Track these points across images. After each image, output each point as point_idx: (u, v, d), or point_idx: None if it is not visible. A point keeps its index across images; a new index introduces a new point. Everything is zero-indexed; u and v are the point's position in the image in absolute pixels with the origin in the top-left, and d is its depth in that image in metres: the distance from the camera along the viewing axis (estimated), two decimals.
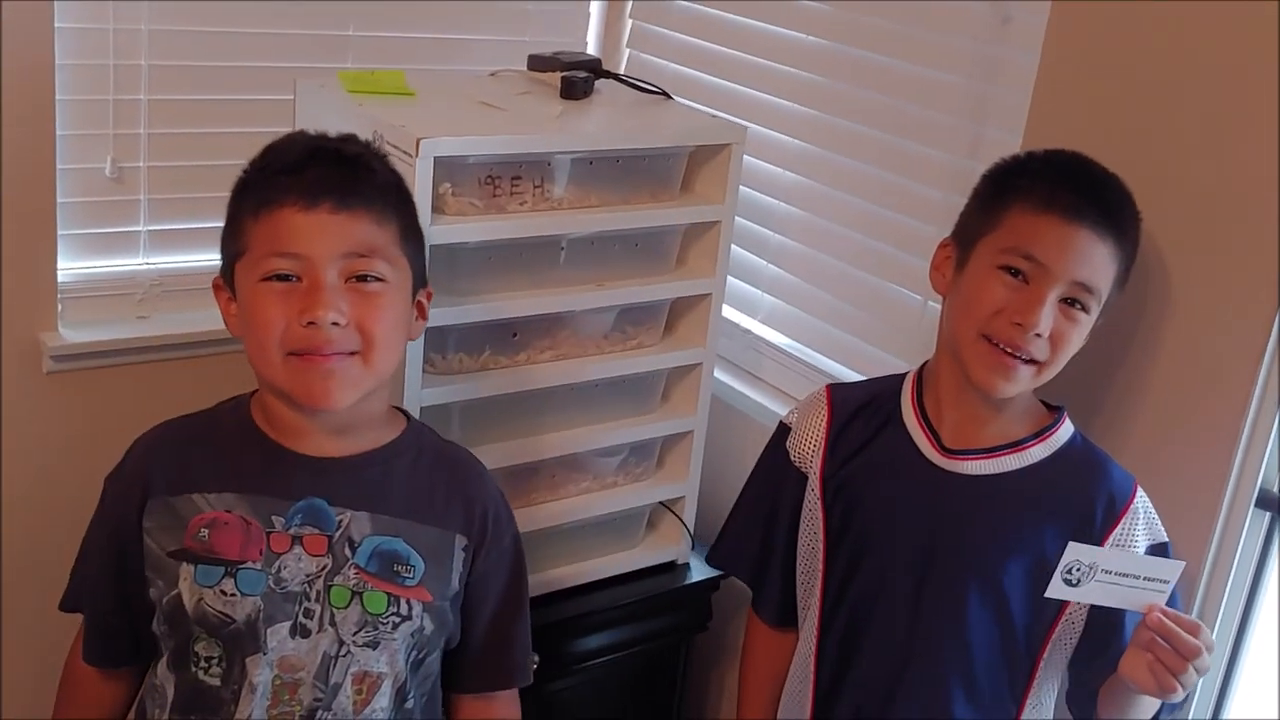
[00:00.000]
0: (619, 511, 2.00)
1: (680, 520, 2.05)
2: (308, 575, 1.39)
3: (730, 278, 1.99)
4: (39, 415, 2.04)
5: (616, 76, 1.99)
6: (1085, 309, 1.42)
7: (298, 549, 1.40)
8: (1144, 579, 1.35)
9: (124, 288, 2.11)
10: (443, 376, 1.74)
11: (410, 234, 1.43)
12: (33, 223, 1.96)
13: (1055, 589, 1.35)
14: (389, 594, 1.42)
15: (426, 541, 1.45)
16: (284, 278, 1.35)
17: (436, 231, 1.62)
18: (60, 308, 2.03)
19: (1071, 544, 1.33)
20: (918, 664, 1.51)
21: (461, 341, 1.74)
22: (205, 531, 1.39)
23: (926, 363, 1.58)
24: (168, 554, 1.40)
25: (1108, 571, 1.34)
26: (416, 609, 1.43)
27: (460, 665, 1.52)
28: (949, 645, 1.49)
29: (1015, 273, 1.42)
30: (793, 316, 2.21)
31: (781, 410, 2.13)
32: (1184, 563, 1.37)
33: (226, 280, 1.42)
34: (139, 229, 2.11)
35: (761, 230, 2.23)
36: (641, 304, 1.90)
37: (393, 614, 1.41)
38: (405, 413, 1.54)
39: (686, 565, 2.08)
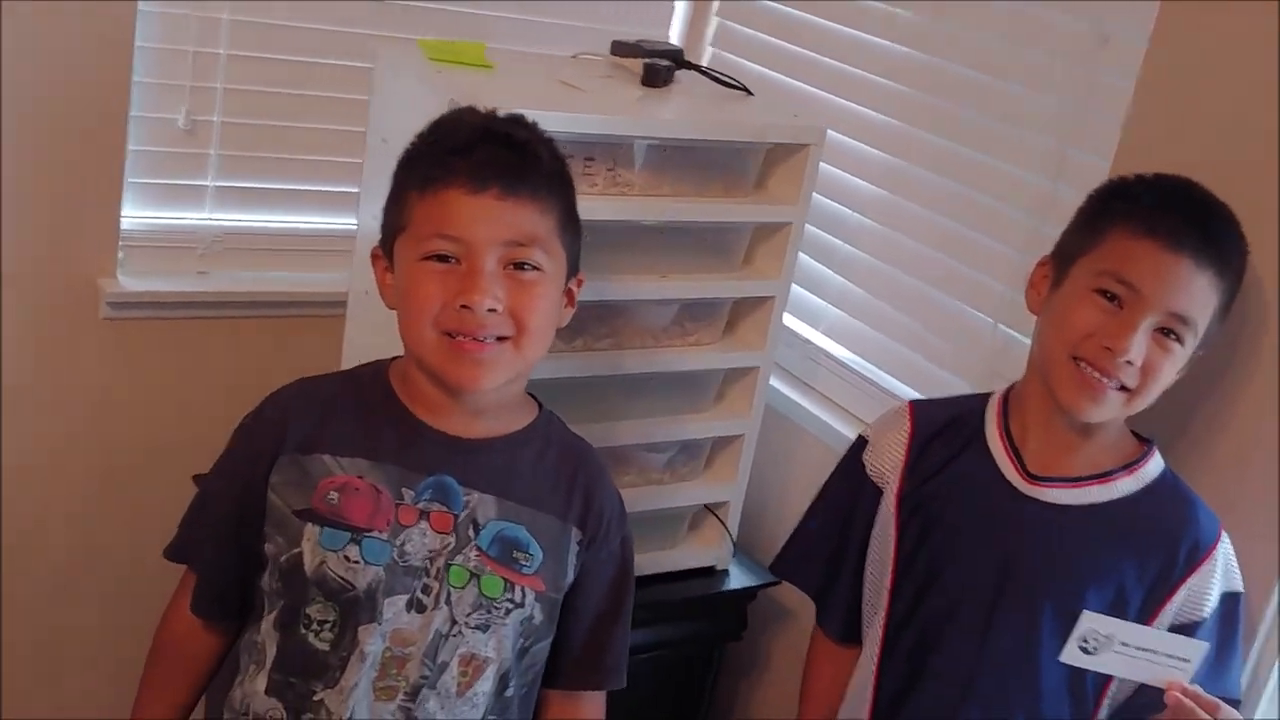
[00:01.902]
0: (662, 509, 1.96)
1: (723, 525, 2.01)
2: (430, 551, 1.38)
3: (794, 285, 1.96)
4: (91, 359, 2.04)
5: (698, 68, 1.96)
6: (1180, 340, 1.38)
7: (424, 524, 1.39)
8: (1165, 655, 1.32)
9: (186, 241, 2.11)
10: None
11: (569, 223, 1.42)
12: (101, 167, 1.96)
13: (1069, 654, 1.32)
14: (506, 579, 1.41)
15: (547, 531, 1.44)
16: (444, 258, 1.34)
17: None
18: (121, 255, 2.03)
19: (1086, 613, 1.31)
20: (983, 691, 1.47)
21: None
22: (335, 495, 1.38)
23: (1014, 385, 1.54)
24: (294, 512, 1.39)
25: (1126, 644, 1.31)
26: (530, 597, 1.42)
27: (554, 660, 1.51)
28: (1017, 674, 1.45)
29: (1110, 296, 1.38)
30: (855, 329, 2.17)
31: (836, 423, 2.11)
32: (1206, 645, 1.34)
33: (385, 251, 1.42)
34: (206, 183, 2.10)
35: (830, 239, 2.19)
36: (704, 300, 1.87)
37: (507, 600, 1.41)
38: (537, 400, 1.52)
39: (725, 572, 2.04)
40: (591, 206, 1.67)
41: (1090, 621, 1.30)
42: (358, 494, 1.38)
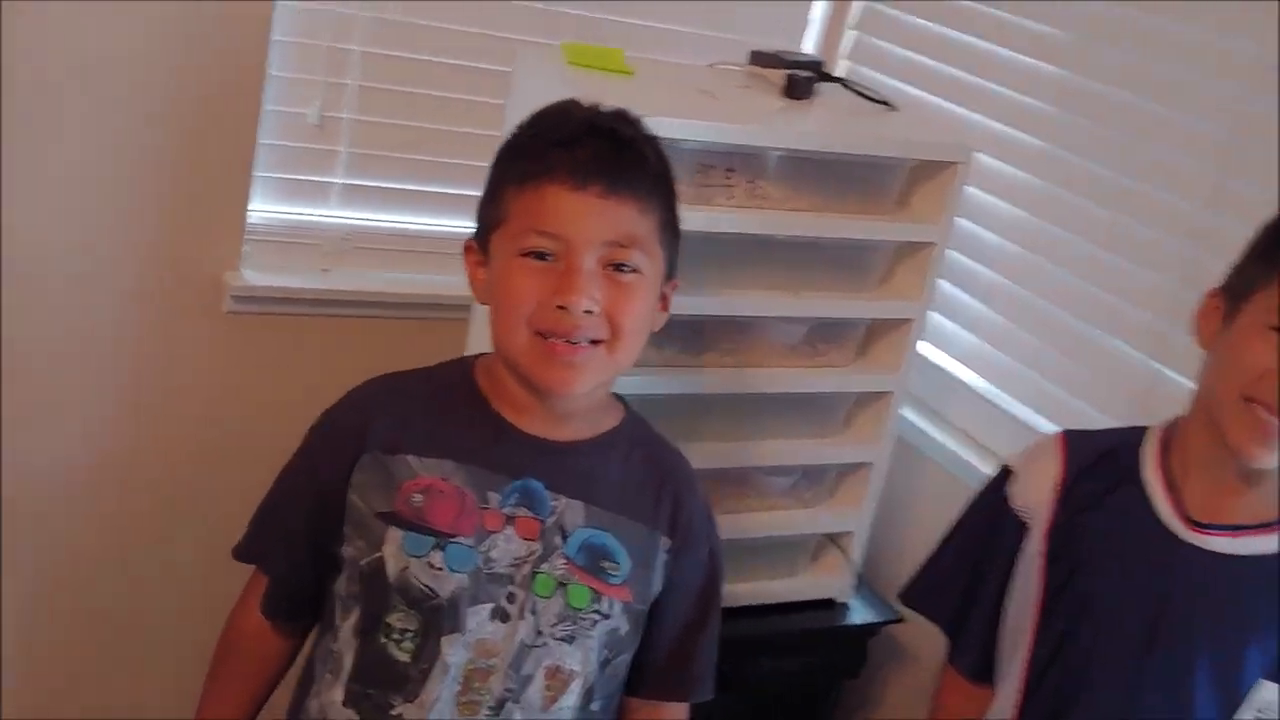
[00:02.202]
0: (783, 537, 1.89)
1: (846, 556, 1.94)
2: (516, 558, 1.33)
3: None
4: (214, 353, 2.03)
5: (841, 81, 1.90)
6: None
7: (509, 530, 1.34)
8: None
9: (311, 237, 2.09)
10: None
11: (669, 225, 1.37)
12: (231, 160, 1.95)
13: None
14: (593, 590, 1.36)
15: (635, 539, 1.39)
16: (541, 255, 1.30)
17: None
18: (246, 249, 2.02)
19: (1265, 683, 1.24)
20: None
21: (652, 333, 1.65)
22: (419, 497, 1.33)
23: (1173, 421, 1.45)
24: (376, 514, 1.34)
25: None
26: (617, 609, 1.37)
27: (639, 668, 1.45)
28: None
29: None
30: (990, 357, 2.08)
31: (966, 454, 2.02)
32: None
33: (480, 244, 1.38)
34: (334, 180, 2.09)
35: (968, 262, 2.10)
36: (838, 320, 1.80)
37: (594, 611, 1.35)
38: (624, 401, 1.48)
39: (846, 605, 1.96)
40: (730, 218, 1.63)
41: (1269, 693, 1.22)
42: (442, 497, 1.33)
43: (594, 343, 1.30)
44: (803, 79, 1.79)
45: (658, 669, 1.45)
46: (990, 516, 1.54)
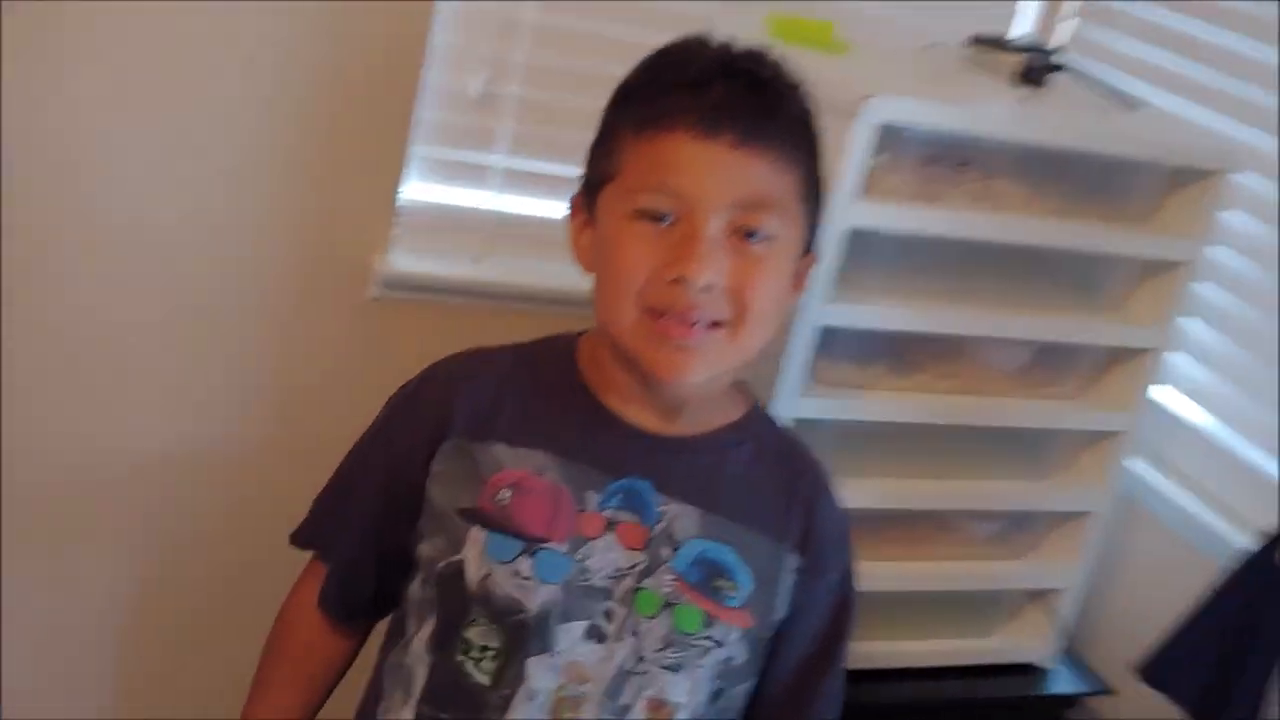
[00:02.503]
0: (983, 590, 1.66)
1: (1052, 616, 1.69)
2: (616, 570, 1.14)
3: None
4: (357, 340, 1.84)
5: (1077, 71, 1.65)
6: None
7: (609, 536, 1.15)
8: None
9: (466, 222, 1.90)
10: (822, 387, 1.44)
11: (812, 185, 1.15)
12: (385, 133, 1.76)
13: None
14: (706, 612, 1.16)
15: (759, 554, 1.18)
16: (657, 218, 1.09)
17: (860, 211, 1.33)
18: (396, 231, 1.84)
19: None
20: None
21: (853, 349, 1.44)
22: (507, 494, 1.15)
23: None
24: (457, 510, 1.16)
25: None
26: (733, 635, 1.16)
27: (753, 701, 1.23)
28: None
29: None
30: (1231, 399, 1.80)
31: (1196, 509, 1.75)
32: None
33: (587, 203, 1.17)
34: (495, 162, 1.90)
35: (1212, 289, 1.83)
36: (1066, 345, 1.56)
37: (706, 637, 1.15)
38: (750, 391, 1.27)
39: (1048, 672, 1.71)
40: (963, 220, 1.40)
41: None
42: (534, 495, 1.15)
43: (714, 325, 1.10)
44: (1039, 65, 1.56)
45: (776, 705, 1.23)
46: (1253, 585, 1.32)
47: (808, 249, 1.18)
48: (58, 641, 1.86)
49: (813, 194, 1.15)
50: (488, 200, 1.90)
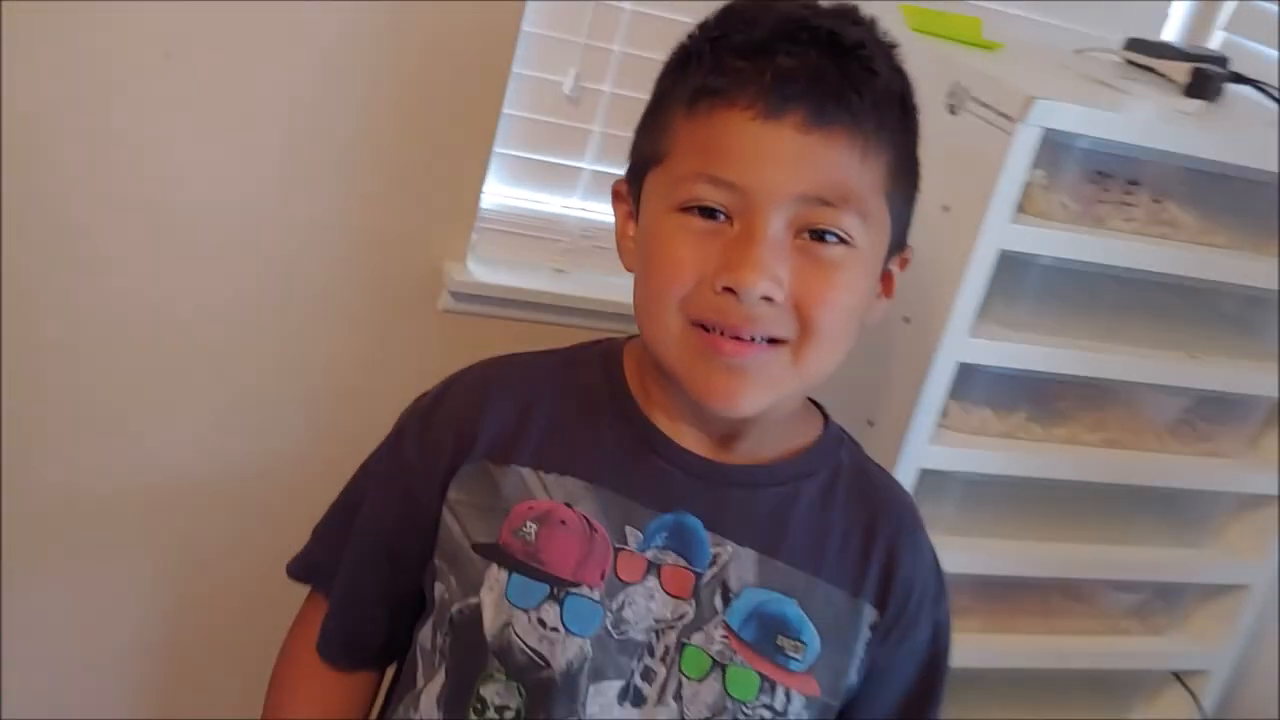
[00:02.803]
0: (1120, 670, 1.46)
1: (1196, 701, 1.49)
2: (658, 621, 0.98)
3: None
4: (423, 353, 1.67)
5: (1255, 83, 1.46)
6: None
7: (652, 581, 0.98)
8: None
9: (548, 230, 1.74)
10: (956, 434, 1.25)
11: (903, 174, 0.97)
12: (469, 127, 1.60)
13: None
14: (764, 676, 0.98)
15: (829, 609, 1.00)
16: (709, 213, 0.91)
17: (1015, 234, 1.15)
18: (474, 237, 1.68)
19: None
20: None
21: (993, 392, 1.25)
22: (533, 527, 0.98)
23: None
24: (474, 546, 0.99)
25: None
26: (796, 704, 0.98)
27: None
28: None
29: None
30: None
31: None
32: None
33: (632, 187, 1.00)
34: (583, 165, 1.73)
35: None
36: (1232, 397, 1.37)
37: (763, 706, 0.98)
38: (821, 408, 1.08)
39: None
40: (1133, 249, 1.21)
41: None
42: (564, 528, 0.98)
43: (774, 341, 0.93)
44: (1213, 74, 1.37)
45: None
46: None
47: (898, 247, 1.00)
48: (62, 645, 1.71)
49: (905, 182, 0.97)
50: (575, 207, 1.74)
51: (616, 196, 1.02)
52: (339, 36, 1.49)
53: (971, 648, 1.34)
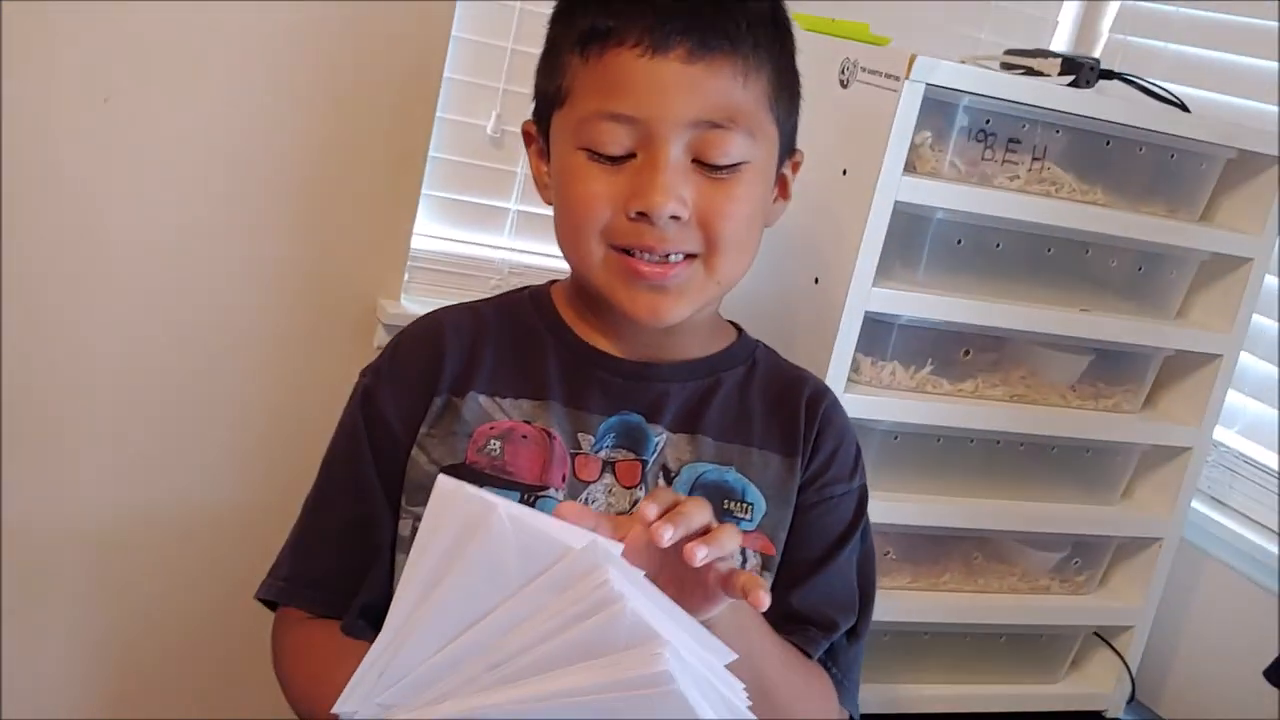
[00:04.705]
0: (1047, 628, 1.52)
1: (1120, 657, 1.55)
2: (619, 513, 1.05)
3: None
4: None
5: (1124, 77, 1.58)
6: None
7: (609, 478, 1.06)
8: None
9: (478, 269, 1.81)
10: (867, 388, 1.33)
11: (784, 85, 1.06)
12: (398, 171, 1.68)
13: None
14: None
15: (767, 471, 1.08)
16: (611, 150, 1.00)
17: (908, 186, 1.24)
18: (406, 276, 1.74)
19: None
20: None
21: (901, 345, 1.33)
22: (497, 444, 1.05)
23: None
24: (443, 469, 1.04)
25: None
26: (752, 564, 1.05)
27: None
28: None
29: None
30: None
31: (1260, 547, 1.62)
32: None
33: (541, 128, 1.08)
34: (509, 206, 1.82)
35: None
36: (1127, 353, 1.45)
37: None
38: (737, 326, 1.17)
39: None
40: (1015, 203, 1.31)
41: None
42: (525, 442, 1.05)
43: (689, 257, 1.02)
44: (1085, 65, 1.48)
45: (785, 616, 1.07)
46: None
47: (789, 152, 1.09)
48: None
49: (786, 93, 1.06)
50: (503, 246, 1.82)
51: (527, 137, 1.11)
52: (272, 85, 1.56)
53: (899, 604, 1.40)
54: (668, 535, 0.78)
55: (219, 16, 1.52)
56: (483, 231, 1.81)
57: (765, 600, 0.80)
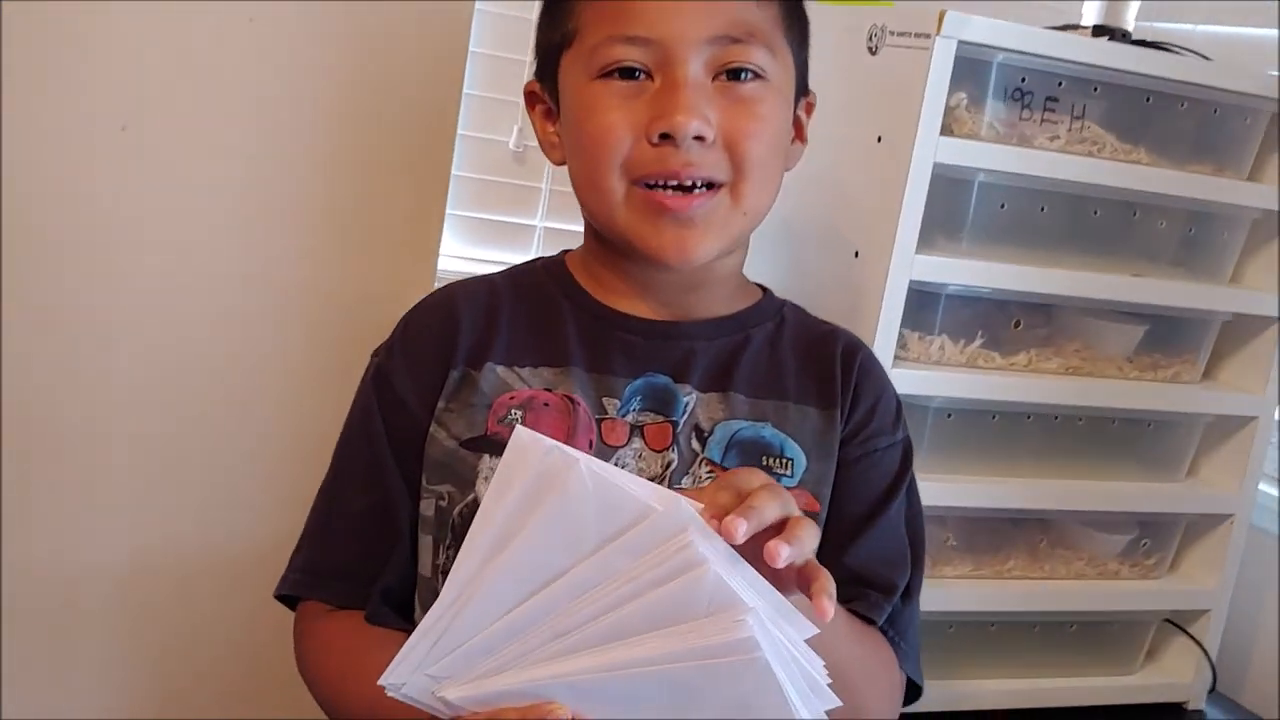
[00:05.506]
0: (1119, 616, 1.45)
1: (1199, 645, 1.47)
2: (650, 478, 0.97)
3: None
4: None
5: (1153, 44, 1.53)
6: None
7: (638, 442, 1.01)
8: None
9: None
10: (916, 364, 1.28)
11: (795, 18, 1.03)
12: (423, 190, 1.64)
13: None
14: None
15: (805, 424, 1.03)
16: (629, 73, 0.96)
17: (946, 148, 1.20)
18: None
19: None
20: None
21: (949, 318, 1.28)
22: (518, 413, 1.01)
23: None
24: (463, 443, 1.00)
25: None
26: None
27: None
28: None
29: None
30: None
31: None
32: None
33: (546, 85, 1.04)
34: (535, 223, 1.79)
35: None
36: (1183, 321, 1.40)
37: None
38: (763, 287, 1.13)
39: (1200, 714, 1.49)
40: (1058, 162, 1.26)
41: None
42: (548, 410, 1.01)
43: (713, 188, 0.98)
44: (1116, 32, 1.44)
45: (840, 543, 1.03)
46: None
47: (803, 91, 1.06)
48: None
49: (798, 23, 1.04)
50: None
51: (530, 98, 1.07)
52: (293, 110, 1.53)
53: (962, 593, 1.34)
54: (741, 531, 0.73)
55: (238, 44, 1.50)
56: (510, 250, 1.79)
57: (830, 611, 0.75)
